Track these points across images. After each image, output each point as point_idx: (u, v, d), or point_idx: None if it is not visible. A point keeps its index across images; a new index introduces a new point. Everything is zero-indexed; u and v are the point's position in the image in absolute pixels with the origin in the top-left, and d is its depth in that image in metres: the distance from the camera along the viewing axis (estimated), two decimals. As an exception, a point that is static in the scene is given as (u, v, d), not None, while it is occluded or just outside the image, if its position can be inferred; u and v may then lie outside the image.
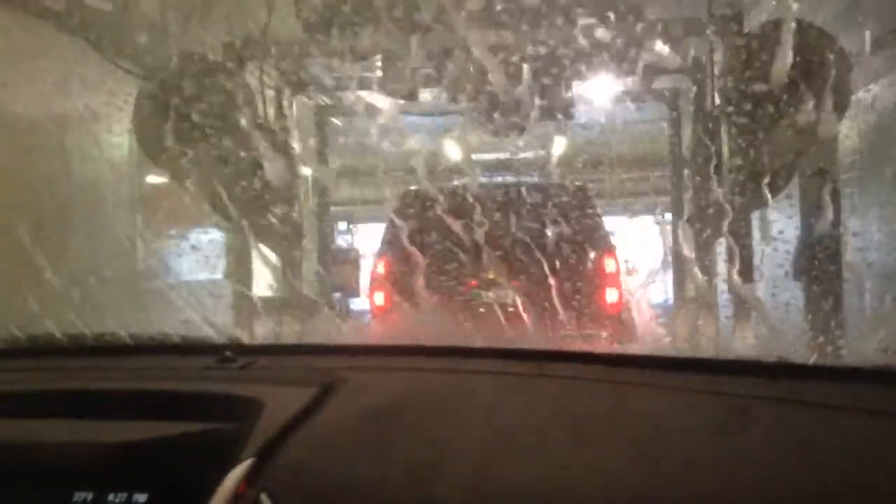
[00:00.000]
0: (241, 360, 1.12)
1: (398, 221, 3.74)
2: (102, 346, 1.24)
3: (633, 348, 1.33)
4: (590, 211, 4.10)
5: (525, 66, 3.96)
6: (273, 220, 3.90)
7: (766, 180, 3.50)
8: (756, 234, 3.42)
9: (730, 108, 3.66)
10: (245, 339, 1.25)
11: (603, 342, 1.30)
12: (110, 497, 0.80)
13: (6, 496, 0.83)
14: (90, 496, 0.80)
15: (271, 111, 4.79)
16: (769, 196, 3.59)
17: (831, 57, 3.28)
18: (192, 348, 1.24)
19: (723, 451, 0.77)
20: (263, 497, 0.75)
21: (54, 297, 1.35)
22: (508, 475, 0.76)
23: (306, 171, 5.94)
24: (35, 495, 0.83)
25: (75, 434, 0.86)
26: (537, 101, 3.83)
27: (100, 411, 0.91)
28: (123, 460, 0.83)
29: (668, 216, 5.96)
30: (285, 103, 5.01)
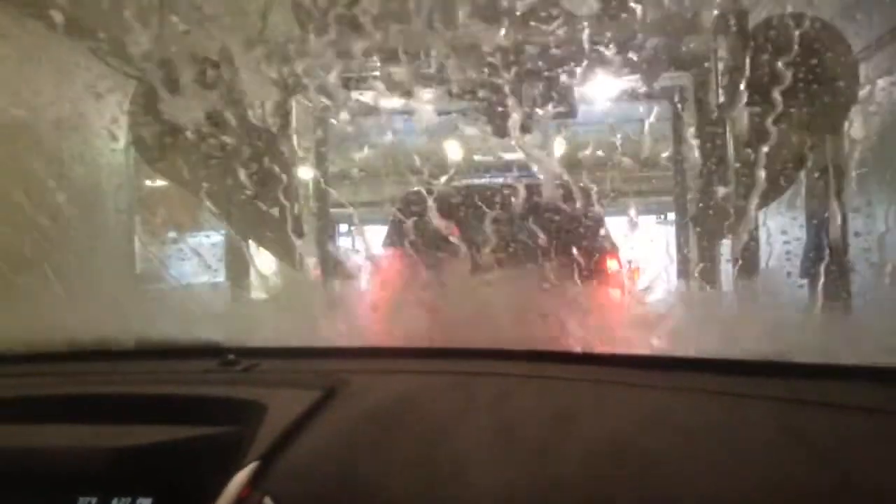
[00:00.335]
0: (243, 363, 1.13)
1: (399, 224, 3.74)
2: (105, 351, 1.25)
3: (634, 349, 1.34)
4: (591, 211, 4.09)
5: (527, 65, 3.96)
6: (271, 222, 3.90)
7: (771, 179, 3.49)
8: (761, 233, 3.43)
9: (733, 106, 3.66)
10: (247, 341, 1.26)
11: (603, 343, 1.32)
12: (114, 501, 0.81)
13: (11, 502, 0.84)
14: (94, 501, 0.81)
15: (269, 112, 4.79)
16: (773, 195, 3.59)
17: (836, 53, 3.28)
18: (195, 351, 1.25)
19: (723, 451, 0.78)
20: (267, 500, 0.76)
21: (55, 301, 1.37)
22: (511, 477, 0.77)
23: (305, 172, 5.95)
24: (39, 500, 0.84)
25: (79, 439, 0.87)
26: (540, 100, 3.83)
27: (103, 415, 0.92)
28: (127, 465, 0.83)
29: (672, 216, 5.97)
30: (283, 104, 5.01)
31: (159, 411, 0.92)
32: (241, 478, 0.79)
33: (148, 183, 4.58)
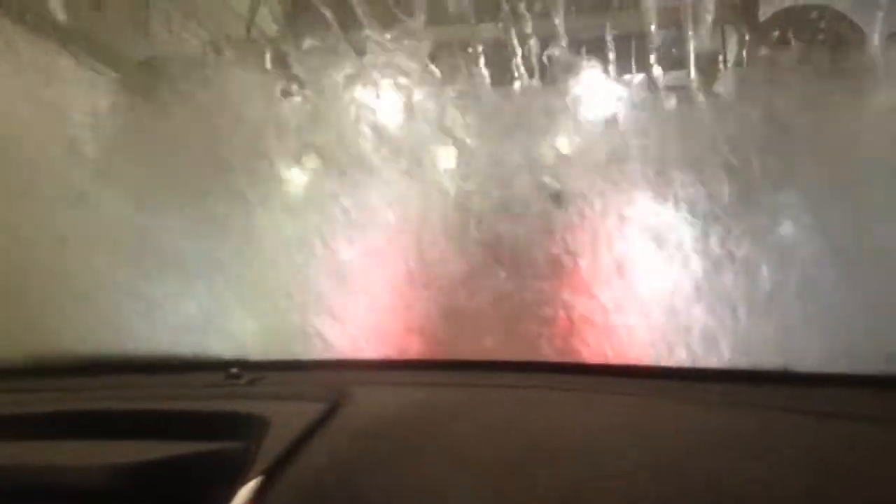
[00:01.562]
0: (247, 377, 1.15)
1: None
2: (107, 365, 1.27)
3: (645, 358, 1.36)
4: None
5: (530, 59, 3.95)
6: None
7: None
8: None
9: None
10: (251, 355, 1.28)
11: (615, 354, 1.34)
12: None
13: None
14: None
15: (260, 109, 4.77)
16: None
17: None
18: (198, 365, 1.27)
19: (737, 465, 0.80)
20: None
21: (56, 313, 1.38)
22: (521, 492, 0.78)
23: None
24: None
25: (81, 455, 0.89)
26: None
27: (105, 431, 0.94)
28: (130, 481, 0.85)
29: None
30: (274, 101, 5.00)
31: (162, 427, 0.94)
32: (245, 493, 0.80)
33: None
